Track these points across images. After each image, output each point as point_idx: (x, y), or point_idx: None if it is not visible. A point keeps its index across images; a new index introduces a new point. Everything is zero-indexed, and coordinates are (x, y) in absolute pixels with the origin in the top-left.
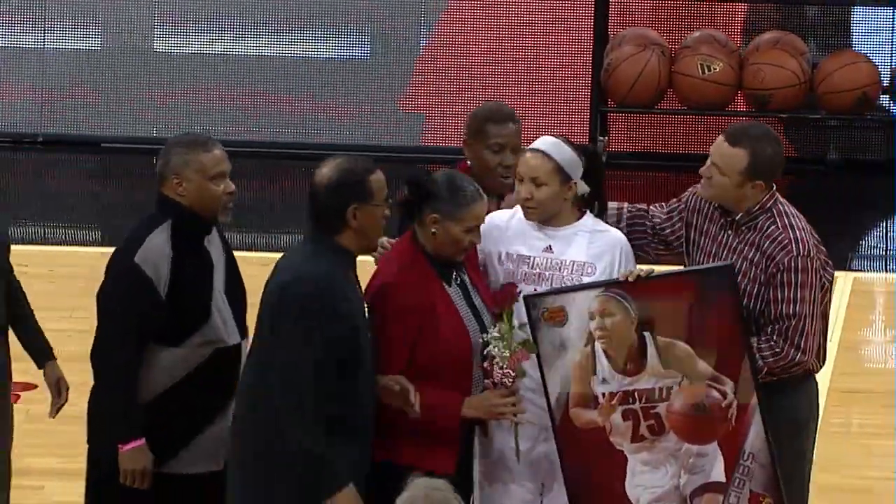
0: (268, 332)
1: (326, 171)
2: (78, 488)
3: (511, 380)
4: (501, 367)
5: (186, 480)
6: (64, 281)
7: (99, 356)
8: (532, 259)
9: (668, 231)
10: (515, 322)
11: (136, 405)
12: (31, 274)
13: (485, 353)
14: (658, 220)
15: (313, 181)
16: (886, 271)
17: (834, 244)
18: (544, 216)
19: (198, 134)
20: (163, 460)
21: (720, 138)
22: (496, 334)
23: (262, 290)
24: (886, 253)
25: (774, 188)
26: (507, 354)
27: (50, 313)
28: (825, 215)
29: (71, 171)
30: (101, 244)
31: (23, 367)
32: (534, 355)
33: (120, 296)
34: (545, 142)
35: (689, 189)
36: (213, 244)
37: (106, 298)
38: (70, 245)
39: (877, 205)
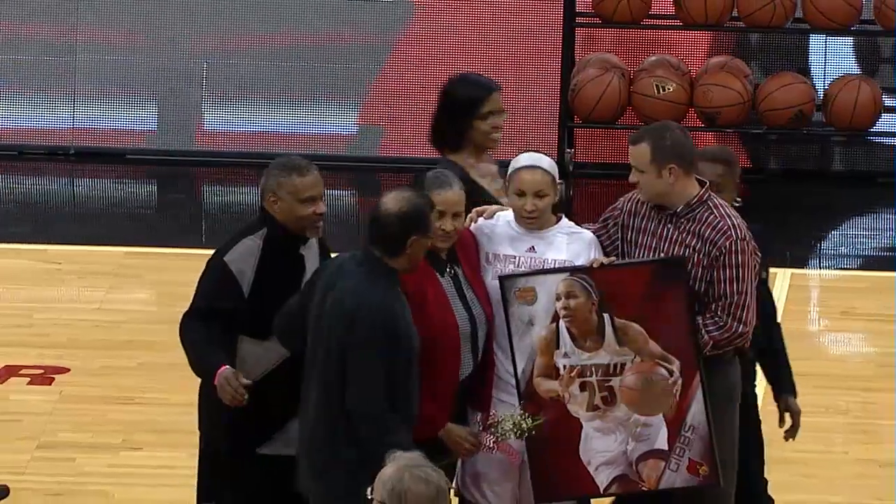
0: (336, 355)
1: (394, 201)
2: (105, 460)
3: (489, 443)
4: (493, 435)
5: (280, 462)
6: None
7: (180, 329)
8: (517, 258)
9: (603, 237)
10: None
11: (208, 350)
12: (64, 270)
13: (498, 418)
14: (592, 231)
15: (378, 210)
16: (819, 268)
17: (773, 244)
18: (540, 223)
19: (298, 159)
20: (259, 442)
21: (630, 144)
22: (517, 424)
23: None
24: (819, 252)
25: (708, 185)
26: (506, 437)
27: (81, 305)
28: (766, 218)
29: None
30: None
31: (56, 352)
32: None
33: (205, 285)
34: (540, 159)
35: (623, 197)
36: (311, 251)
37: (198, 284)
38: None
39: (811, 209)
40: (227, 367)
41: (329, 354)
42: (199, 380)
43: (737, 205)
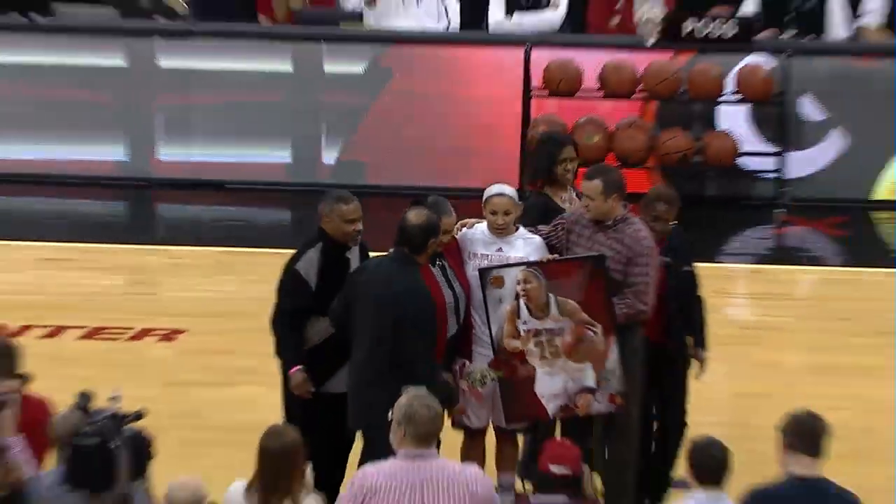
0: (390, 325)
1: (417, 217)
2: (211, 393)
3: (463, 386)
4: (467, 383)
5: (334, 397)
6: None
7: (272, 323)
8: (489, 256)
9: (552, 236)
10: (494, 381)
11: (292, 348)
12: (181, 263)
13: (470, 369)
14: (544, 233)
15: (406, 222)
16: (699, 263)
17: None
18: (506, 232)
19: (345, 192)
20: (321, 383)
21: (584, 179)
22: (484, 375)
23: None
24: (697, 252)
25: (629, 206)
26: (475, 385)
27: (194, 286)
28: None
29: None
30: None
31: (177, 319)
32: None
33: (284, 287)
34: (504, 188)
35: (567, 210)
36: (354, 254)
37: (278, 287)
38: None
39: (692, 225)
40: (300, 369)
41: (382, 323)
42: (275, 336)
43: (673, 225)
